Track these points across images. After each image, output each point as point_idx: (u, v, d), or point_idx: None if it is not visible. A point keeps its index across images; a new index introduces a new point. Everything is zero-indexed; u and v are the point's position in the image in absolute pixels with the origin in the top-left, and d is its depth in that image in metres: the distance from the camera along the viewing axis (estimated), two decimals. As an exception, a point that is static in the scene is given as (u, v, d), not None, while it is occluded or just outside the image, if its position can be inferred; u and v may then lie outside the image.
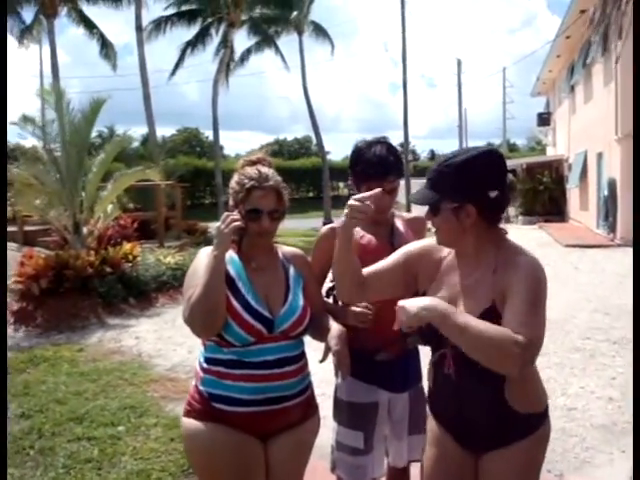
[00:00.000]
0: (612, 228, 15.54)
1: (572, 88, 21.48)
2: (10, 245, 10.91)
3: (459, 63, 31.66)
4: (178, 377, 5.38)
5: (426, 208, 1.83)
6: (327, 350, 2.05)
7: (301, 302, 2.09)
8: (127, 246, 9.16)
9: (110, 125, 40.81)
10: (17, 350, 6.48)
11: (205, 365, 2.06)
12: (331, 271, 2.52)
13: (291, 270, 2.17)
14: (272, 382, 2.00)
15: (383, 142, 2.41)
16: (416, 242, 2.06)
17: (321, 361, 2.07)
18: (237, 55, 26.80)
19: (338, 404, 2.50)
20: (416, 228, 2.57)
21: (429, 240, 1.98)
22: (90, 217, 9.59)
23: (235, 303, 1.98)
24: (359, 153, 2.41)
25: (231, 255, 2.06)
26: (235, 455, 1.97)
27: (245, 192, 2.02)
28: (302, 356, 2.14)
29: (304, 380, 2.13)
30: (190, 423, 2.04)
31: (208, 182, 32.83)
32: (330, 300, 2.60)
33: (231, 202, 2.10)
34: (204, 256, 2.03)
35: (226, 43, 24.49)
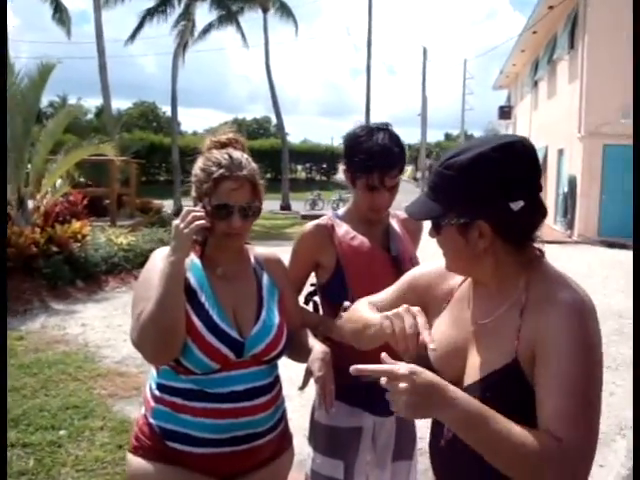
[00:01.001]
0: (570, 225, 15.68)
1: (535, 83, 21.59)
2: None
3: (425, 51, 31.50)
4: (128, 371, 4.95)
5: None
6: (308, 375, 1.67)
7: (276, 319, 1.72)
8: (76, 224, 8.60)
9: (63, 95, 39.33)
10: (-51, 336, 5.92)
11: (157, 393, 1.67)
12: (314, 274, 2.20)
13: (264, 279, 1.78)
14: (240, 418, 1.62)
15: (385, 129, 2.04)
16: (424, 265, 1.60)
17: (301, 388, 1.69)
18: (197, 29, 25.92)
19: (316, 428, 2.17)
20: (413, 229, 2.25)
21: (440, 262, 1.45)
22: (36, 192, 8.99)
23: (197, 321, 1.59)
24: (358, 141, 2.02)
25: (192, 260, 1.67)
26: None
27: (212, 183, 1.62)
28: (276, 382, 1.76)
29: (277, 411, 1.75)
30: (137, 462, 1.66)
31: (164, 159, 31.91)
32: (310, 308, 2.26)
33: (193, 193, 1.70)
34: (158, 260, 1.63)
35: (188, 15, 23.61)
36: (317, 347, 1.74)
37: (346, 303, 1.96)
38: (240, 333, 1.64)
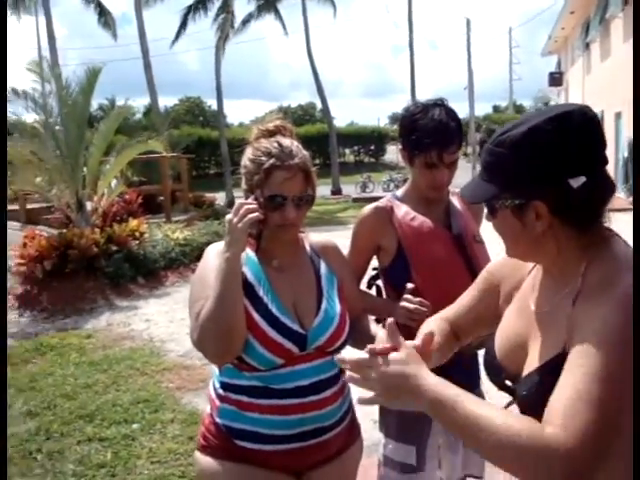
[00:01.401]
0: (632, 191, 15.06)
1: (587, 46, 20.74)
2: (12, 224, 10.54)
3: (468, 23, 30.69)
4: (193, 364, 5.03)
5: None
6: None
7: (338, 308, 1.66)
8: (133, 222, 8.80)
9: (111, 97, 40.19)
10: (22, 337, 6.15)
11: (222, 392, 1.64)
12: (375, 258, 2.15)
13: (322, 267, 1.73)
14: (308, 412, 1.58)
15: (441, 105, 1.97)
16: (500, 259, 1.45)
17: None
18: (237, 21, 26.02)
19: (386, 415, 2.14)
20: (474, 206, 2.17)
21: None
22: (93, 193, 9.22)
23: (257, 316, 1.55)
24: (413, 118, 1.95)
25: (247, 254, 1.62)
26: None
27: (264, 173, 1.56)
28: (341, 373, 1.68)
29: (344, 402, 1.71)
30: (206, 462, 1.64)
31: (213, 152, 32.28)
32: (373, 292, 2.22)
33: (244, 185, 1.64)
34: (213, 256, 1.60)
35: (227, 8, 23.72)
36: (380, 333, 1.69)
37: (409, 285, 1.93)
38: (302, 325, 1.59)
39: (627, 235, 1.22)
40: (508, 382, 1.25)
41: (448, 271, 1.98)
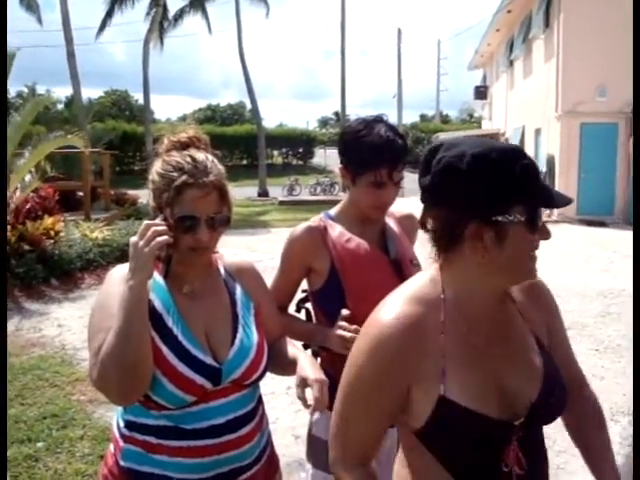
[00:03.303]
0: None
1: (511, 63, 21.53)
2: None
3: (399, 32, 31.25)
4: (108, 375, 4.78)
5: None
6: (303, 383, 1.48)
7: (255, 337, 1.52)
8: (48, 220, 8.36)
9: (32, 84, 38.33)
10: None
11: (126, 432, 1.46)
12: (305, 280, 2.05)
13: (238, 291, 1.58)
14: (224, 453, 1.44)
15: (383, 121, 1.89)
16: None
17: (305, 404, 1.47)
18: (170, 15, 25.43)
19: (315, 444, 2.02)
20: (409, 227, 2.11)
21: None
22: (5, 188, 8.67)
23: (165, 350, 1.39)
24: (358, 135, 1.86)
25: (155, 279, 1.46)
26: None
27: (174, 191, 1.40)
28: (259, 405, 1.58)
29: (263, 437, 1.58)
30: None
31: (138, 148, 31.31)
32: (302, 316, 2.12)
33: (152, 203, 1.47)
34: (117, 281, 1.43)
35: (158, 1, 23.11)
36: (302, 355, 1.59)
37: (345, 311, 1.84)
38: (215, 358, 1.45)
39: (548, 245, 1.30)
40: None
41: (384, 297, 1.91)
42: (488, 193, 1.08)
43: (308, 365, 1.52)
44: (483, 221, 1.09)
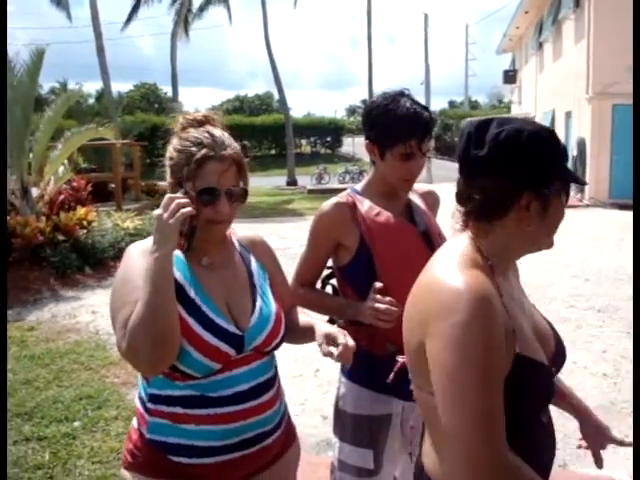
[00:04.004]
0: (580, 188, 15.45)
1: (540, 45, 21.15)
2: (-48, 210, 10.09)
3: (426, 18, 30.91)
4: (140, 358, 4.91)
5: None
6: (331, 341, 1.51)
7: (273, 306, 1.58)
8: (81, 211, 8.53)
9: (64, 80, 39.02)
10: (-41, 329, 5.90)
11: (152, 406, 1.49)
12: (331, 260, 2.08)
13: (252, 263, 1.64)
14: (249, 419, 1.49)
15: (406, 95, 1.92)
16: None
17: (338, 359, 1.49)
18: (195, 8, 25.60)
19: (342, 418, 2.07)
20: (431, 203, 2.15)
21: None
22: (40, 180, 8.89)
23: (191, 320, 1.43)
24: (385, 110, 1.88)
25: (175, 253, 1.47)
26: None
27: (195, 164, 1.43)
28: (277, 375, 1.64)
29: (282, 405, 1.65)
30: None
31: (168, 140, 31.69)
32: (329, 290, 2.16)
33: (170, 179, 1.51)
34: (137, 257, 1.46)
35: (184, -7, 23.28)
36: (317, 321, 1.66)
37: (378, 284, 1.86)
38: (237, 326, 1.49)
39: (578, 229, 1.32)
40: None
41: (416, 269, 1.90)
42: (540, 167, 1.18)
43: (327, 326, 1.60)
44: (534, 192, 1.18)
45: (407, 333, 1.26)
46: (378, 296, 1.83)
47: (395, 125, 1.86)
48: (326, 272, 2.14)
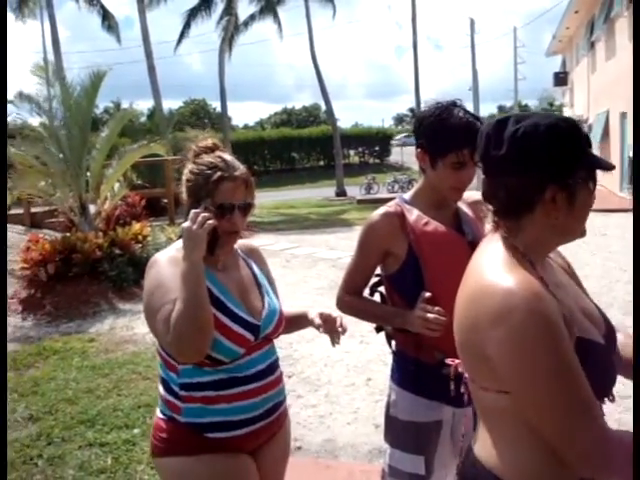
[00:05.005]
0: (633, 190, 14.98)
1: (592, 45, 20.66)
2: (16, 228, 10.55)
3: (472, 23, 30.56)
4: (195, 368, 5.03)
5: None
6: (332, 322, 1.88)
7: (277, 302, 1.92)
8: (136, 226, 8.80)
9: (117, 100, 40.31)
10: (25, 342, 6.17)
11: (184, 393, 1.73)
12: (379, 268, 2.10)
13: (254, 267, 1.96)
14: (269, 392, 1.82)
15: (458, 105, 1.94)
16: None
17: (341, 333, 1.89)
18: (240, 23, 26.00)
19: (392, 424, 2.09)
20: (479, 212, 2.15)
21: None
22: (96, 197, 9.22)
23: (219, 314, 1.71)
24: (438, 119, 1.91)
25: None
26: None
27: (213, 184, 1.72)
28: (277, 355, 1.98)
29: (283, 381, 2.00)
30: (173, 464, 1.74)
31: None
32: (376, 298, 2.19)
33: (188, 197, 1.80)
34: (168, 265, 1.72)
35: (230, 10, 23.73)
36: (308, 309, 1.99)
37: (426, 294, 1.89)
38: (254, 317, 1.80)
39: (624, 234, 1.31)
40: None
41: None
42: (562, 158, 1.18)
43: (321, 310, 1.92)
44: (558, 185, 1.18)
45: (461, 337, 1.26)
46: (426, 305, 1.86)
47: (448, 134, 1.89)
48: (374, 280, 2.16)
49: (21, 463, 3.54)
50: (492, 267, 1.22)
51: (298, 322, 2.00)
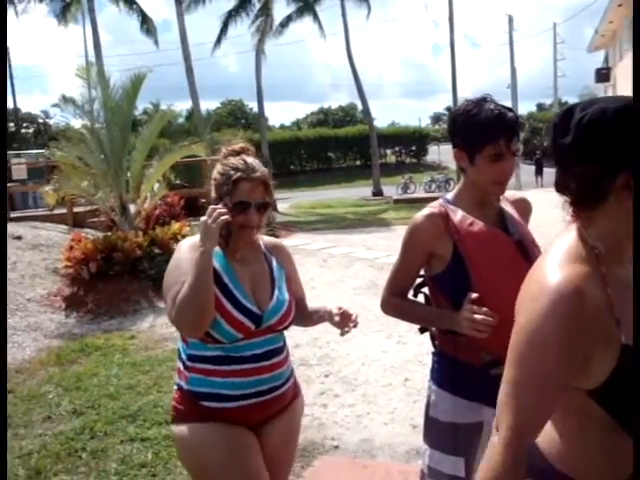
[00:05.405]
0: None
1: (636, 39, 20.11)
2: (60, 227, 10.82)
3: (510, 20, 30.14)
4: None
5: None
6: (345, 316, 1.98)
7: (287, 296, 2.05)
8: (175, 225, 8.93)
9: (156, 102, 40.91)
10: (69, 338, 6.33)
11: (190, 363, 1.96)
12: (423, 269, 2.07)
13: (273, 262, 2.10)
14: (262, 375, 1.95)
15: (490, 99, 1.93)
16: None
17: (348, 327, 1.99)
18: (276, 23, 26.11)
19: (432, 425, 2.07)
20: (523, 210, 2.12)
21: None
22: (137, 197, 9.38)
23: (224, 300, 1.90)
24: (470, 114, 1.90)
25: (216, 250, 1.94)
26: (227, 452, 1.90)
27: (232, 184, 1.91)
28: (285, 345, 2.11)
29: (289, 367, 2.11)
30: (180, 429, 1.96)
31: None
32: (421, 299, 2.16)
33: (214, 194, 1.98)
34: (186, 249, 1.94)
35: (266, 11, 23.88)
36: (323, 305, 2.09)
37: (473, 295, 1.86)
38: (259, 308, 1.94)
39: None
40: None
41: (511, 278, 1.67)
42: (632, 142, 1.12)
43: (337, 305, 2.02)
44: (630, 170, 1.13)
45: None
46: (473, 306, 1.83)
47: (482, 127, 1.87)
48: (418, 280, 2.13)
49: (66, 455, 3.64)
50: (551, 260, 1.19)
51: (310, 317, 2.13)
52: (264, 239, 2.15)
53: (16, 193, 13.96)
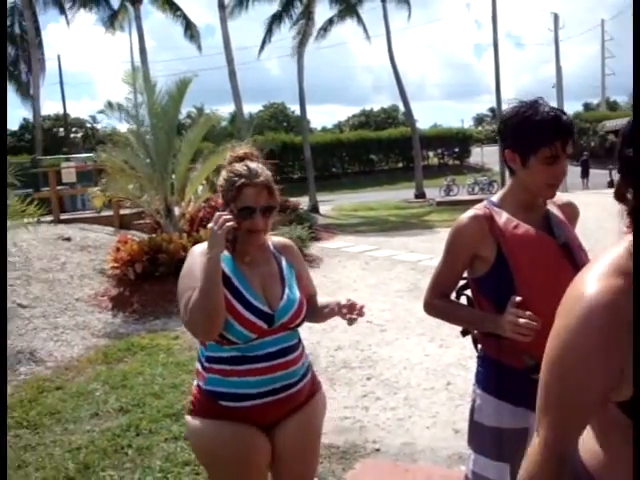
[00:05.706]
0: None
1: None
2: (107, 229, 11.10)
3: (556, 18, 29.55)
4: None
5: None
6: (351, 307, 2.00)
7: (297, 294, 2.09)
8: (218, 227, 9.01)
9: (200, 106, 41.60)
10: (115, 337, 6.48)
11: (207, 364, 2.03)
12: (467, 271, 2.06)
13: (283, 262, 2.15)
14: (277, 372, 1.99)
15: (542, 102, 1.90)
16: None
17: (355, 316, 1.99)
18: (317, 26, 26.20)
19: (477, 430, 2.06)
20: (571, 215, 2.08)
21: None
22: (181, 199, 9.54)
23: (235, 302, 1.96)
24: (525, 116, 1.88)
25: (225, 254, 2.00)
26: (236, 450, 1.97)
27: (236, 190, 1.96)
28: (300, 343, 2.14)
29: (304, 364, 2.13)
30: (195, 423, 2.03)
31: (296, 157, 32.85)
32: (463, 301, 2.15)
33: (220, 200, 2.05)
34: (198, 255, 1.99)
35: (308, 14, 24.00)
36: (330, 299, 2.16)
37: (517, 298, 1.84)
38: (270, 307, 1.99)
39: None
40: None
41: (556, 282, 1.63)
42: None
43: (346, 298, 2.05)
44: None
45: None
46: (517, 310, 1.81)
47: (538, 129, 1.85)
48: (461, 283, 2.13)
49: (113, 451, 3.73)
50: (593, 271, 1.17)
51: (320, 312, 2.17)
52: (273, 239, 2.21)
53: (65, 196, 14.34)
